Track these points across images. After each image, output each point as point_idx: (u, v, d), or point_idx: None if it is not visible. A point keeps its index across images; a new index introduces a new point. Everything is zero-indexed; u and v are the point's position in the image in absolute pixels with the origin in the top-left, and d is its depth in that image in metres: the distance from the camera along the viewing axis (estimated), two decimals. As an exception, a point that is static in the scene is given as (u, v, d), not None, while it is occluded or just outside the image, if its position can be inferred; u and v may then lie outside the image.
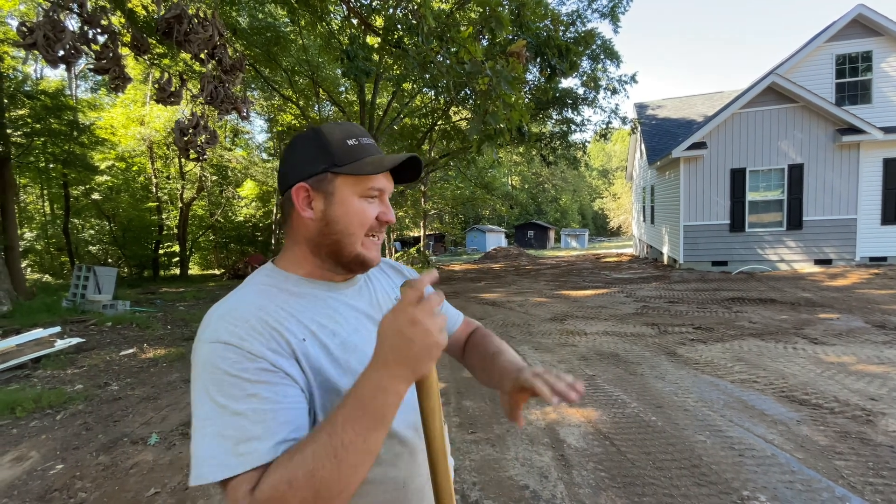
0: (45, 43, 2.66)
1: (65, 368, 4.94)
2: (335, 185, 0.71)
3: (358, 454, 0.55)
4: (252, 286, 0.70)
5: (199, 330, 0.64)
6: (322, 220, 0.72)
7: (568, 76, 5.12)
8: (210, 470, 0.55)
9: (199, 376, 0.59)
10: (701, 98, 16.80)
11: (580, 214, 55.19)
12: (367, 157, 0.73)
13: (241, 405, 0.57)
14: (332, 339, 0.70)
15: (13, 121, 11.58)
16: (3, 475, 2.80)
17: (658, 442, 2.89)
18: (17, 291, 8.33)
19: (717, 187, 10.84)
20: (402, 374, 0.57)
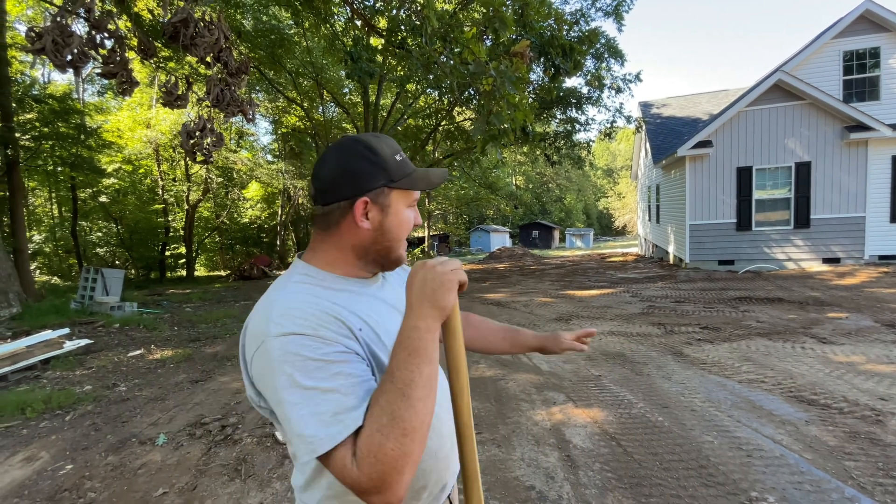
0: (53, 48, 2.69)
1: (74, 369, 4.99)
2: (391, 199, 0.80)
3: (420, 387, 0.63)
4: (296, 285, 0.76)
5: (258, 330, 0.69)
6: (378, 230, 0.80)
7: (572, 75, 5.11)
8: (320, 444, 0.61)
9: (278, 369, 0.64)
10: (706, 96, 16.70)
11: (585, 214, 55.03)
12: (415, 173, 0.83)
13: (330, 383, 0.64)
14: (378, 326, 0.79)
15: (21, 125, 11.71)
16: (14, 475, 2.83)
17: (665, 442, 2.88)
18: (27, 293, 8.42)
19: (723, 186, 10.77)
20: (427, 311, 0.68)
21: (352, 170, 0.78)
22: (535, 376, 4.27)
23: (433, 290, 0.68)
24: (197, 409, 3.81)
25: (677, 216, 11.95)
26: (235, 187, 23.27)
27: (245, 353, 0.73)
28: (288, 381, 0.63)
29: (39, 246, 18.61)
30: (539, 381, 4.12)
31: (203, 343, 6.22)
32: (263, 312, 0.70)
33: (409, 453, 0.61)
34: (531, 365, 4.61)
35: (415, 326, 0.67)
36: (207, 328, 7.17)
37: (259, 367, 0.68)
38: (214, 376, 4.71)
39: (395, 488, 0.60)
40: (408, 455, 0.61)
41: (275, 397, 0.66)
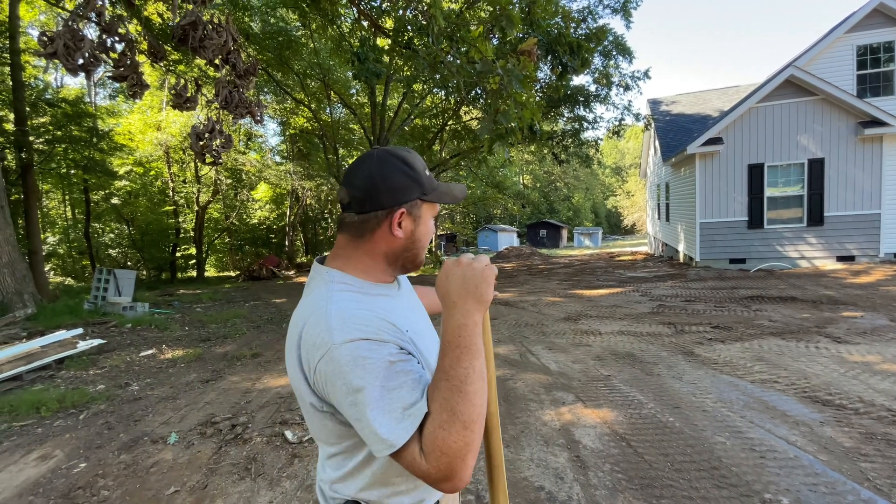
0: (65, 52, 2.73)
1: (87, 369, 5.06)
2: (422, 210, 0.87)
3: (474, 381, 0.67)
4: (340, 294, 0.79)
5: (318, 340, 0.72)
6: (410, 239, 0.86)
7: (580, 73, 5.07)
8: (396, 439, 0.66)
9: (350, 373, 0.68)
10: (716, 93, 16.51)
11: (593, 213, 54.68)
12: (441, 188, 0.90)
13: (396, 381, 0.68)
14: (414, 329, 0.84)
15: (35, 128, 11.90)
16: (28, 473, 2.88)
17: (676, 443, 2.85)
18: (41, 294, 8.56)
19: (734, 183, 10.63)
20: (472, 306, 0.72)
21: (391, 182, 0.83)
22: (543, 376, 4.25)
23: (476, 286, 0.73)
24: (207, 409, 3.84)
25: (687, 214, 11.83)
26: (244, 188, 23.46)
27: (306, 363, 0.75)
28: (361, 383, 0.67)
29: (54, 247, 18.91)
30: (548, 381, 4.10)
31: (213, 343, 6.28)
32: (320, 322, 0.73)
33: (470, 443, 0.65)
34: (539, 365, 4.59)
35: (463, 324, 0.70)
36: (217, 328, 7.23)
37: (326, 375, 0.71)
38: (224, 376, 4.75)
39: (462, 474, 0.65)
40: (470, 444, 0.65)
41: (347, 400, 0.69)
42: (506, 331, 6.10)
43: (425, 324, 0.96)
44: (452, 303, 0.72)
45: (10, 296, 7.14)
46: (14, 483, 2.76)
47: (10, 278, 7.22)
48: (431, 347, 0.89)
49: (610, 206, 56.65)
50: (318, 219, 28.60)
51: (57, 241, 19.30)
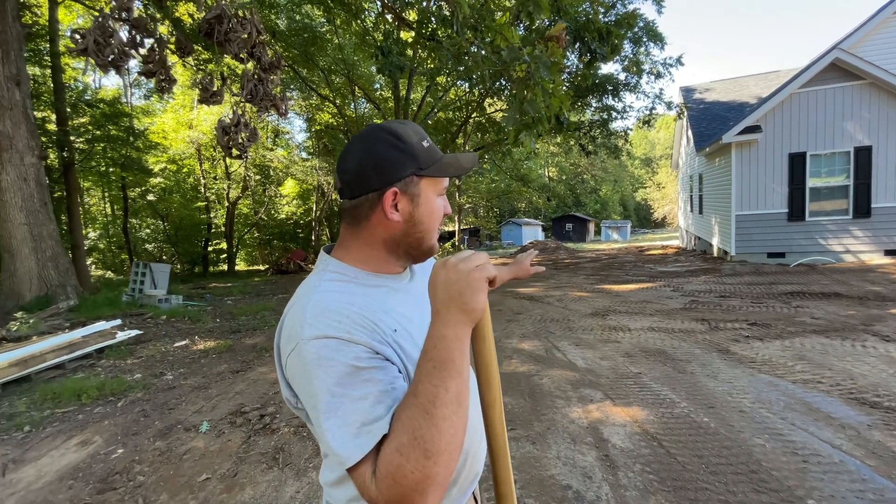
0: (95, 48, 2.81)
1: (125, 358, 5.26)
2: (420, 188, 0.77)
3: (445, 405, 0.57)
4: (329, 283, 0.73)
5: (292, 332, 0.67)
6: (409, 222, 0.77)
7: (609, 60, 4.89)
8: (348, 455, 0.59)
9: (312, 373, 0.62)
10: (754, 79, 15.75)
11: (621, 205, 53.38)
12: (444, 159, 0.79)
13: (359, 390, 0.61)
14: (412, 326, 0.75)
15: (76, 128, 12.44)
16: (70, 458, 3.01)
17: (711, 445, 2.73)
18: (83, 287, 8.97)
19: (773, 174, 10.14)
20: (454, 316, 0.60)
21: (379, 159, 0.74)
22: (570, 373, 4.16)
23: (459, 292, 0.60)
24: (237, 399, 3.93)
25: (722, 206, 11.37)
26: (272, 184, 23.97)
27: (280, 354, 0.70)
28: (321, 386, 0.61)
29: (95, 242, 19.82)
30: (574, 378, 4.01)
31: (243, 335, 6.44)
32: (298, 313, 0.68)
33: (431, 475, 0.56)
34: (566, 361, 4.50)
35: (441, 335, 0.60)
36: (247, 320, 7.41)
37: (294, 370, 0.66)
38: (254, 367, 4.86)
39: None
40: (430, 477, 0.56)
41: (309, 402, 0.64)
42: (531, 326, 6.01)
43: None
44: (435, 310, 0.62)
45: (55, 288, 7.50)
46: (55, 467, 2.89)
47: (54, 271, 7.58)
48: None
49: (639, 199, 55.19)
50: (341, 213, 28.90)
51: (98, 236, 20.21)
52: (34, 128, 7.59)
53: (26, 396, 4.07)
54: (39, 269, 7.39)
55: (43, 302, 7.19)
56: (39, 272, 7.40)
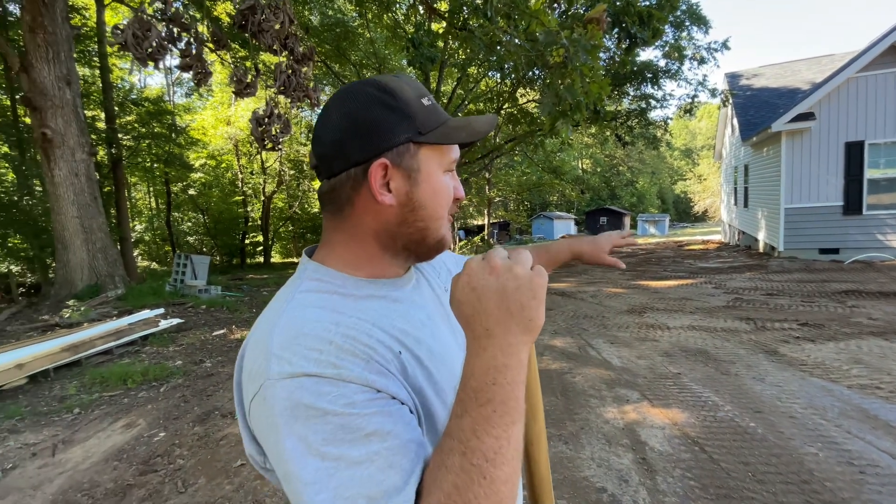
0: (134, 41, 2.91)
1: (167, 346, 5.48)
2: (419, 159, 0.56)
3: (507, 462, 0.42)
4: (306, 296, 0.54)
5: (254, 367, 0.48)
6: (406, 205, 0.57)
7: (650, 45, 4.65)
8: None
9: (285, 427, 0.44)
10: (806, 63, 14.75)
11: (659, 198, 51.48)
12: (450, 122, 0.58)
13: (359, 450, 0.43)
14: (420, 348, 0.56)
15: (123, 126, 13.05)
16: (115, 440, 3.15)
17: (758, 451, 2.57)
18: (130, 277, 9.44)
19: (827, 164, 9.48)
20: (516, 338, 0.44)
21: (362, 122, 0.55)
22: (604, 371, 4.02)
23: (522, 305, 0.44)
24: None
25: (770, 199, 10.75)
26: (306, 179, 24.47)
27: (242, 395, 0.51)
28: (299, 446, 0.43)
29: (140, 235, 20.83)
30: (609, 377, 3.88)
31: (277, 325, 6.60)
32: (261, 340, 0.49)
33: None
34: (600, 359, 4.35)
35: (503, 365, 0.43)
36: (281, 311, 7.59)
37: (259, 420, 0.47)
38: (287, 357, 4.96)
39: None
40: None
41: (283, 467, 0.44)
42: (563, 322, 5.87)
43: (449, 347, 0.62)
44: (486, 331, 0.44)
45: (104, 278, 7.92)
46: (102, 448, 3.03)
47: (103, 262, 8.00)
48: (456, 370, 0.57)
49: (679, 192, 53.10)
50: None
51: (143, 229, 21.23)
52: (84, 126, 7.99)
53: (77, 380, 4.31)
54: (90, 260, 7.81)
55: (93, 290, 7.60)
56: (90, 262, 7.81)
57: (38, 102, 7.04)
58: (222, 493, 2.46)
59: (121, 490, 2.53)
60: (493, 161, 18.22)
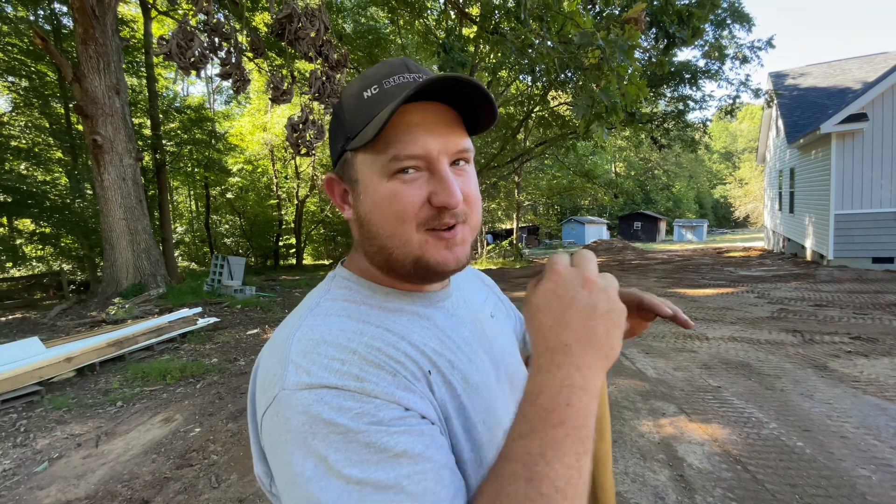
0: (178, 51, 3.05)
1: (204, 344, 5.67)
2: (356, 168, 0.50)
3: (579, 496, 0.36)
4: (331, 303, 0.50)
5: (270, 377, 0.44)
6: (356, 221, 0.53)
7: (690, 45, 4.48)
8: None
9: (303, 445, 0.39)
10: (857, 62, 13.93)
11: (697, 203, 49.73)
12: (384, 112, 0.46)
13: (387, 473, 0.37)
14: (453, 373, 0.50)
15: (167, 132, 13.69)
16: (154, 433, 3.27)
17: (807, 472, 2.40)
18: (171, 276, 9.86)
19: (881, 167, 8.89)
20: (594, 360, 0.40)
21: (330, 138, 0.55)
22: (639, 382, 3.88)
23: (608, 329, 0.41)
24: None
25: (818, 204, 10.18)
26: (338, 183, 24.96)
27: (254, 410, 0.47)
28: (318, 468, 0.38)
29: (181, 236, 21.76)
30: (644, 389, 3.73)
31: (308, 326, 6.72)
32: (280, 349, 0.45)
33: None
34: (634, 370, 4.21)
35: (579, 387, 0.39)
36: (312, 312, 7.74)
37: (271, 435, 0.42)
38: (317, 358, 5.04)
39: None
40: None
41: (294, 492, 0.39)
42: (595, 329, 5.71)
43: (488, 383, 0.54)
44: (564, 346, 0.40)
45: (146, 277, 8.30)
46: (142, 441, 3.15)
47: (146, 262, 8.38)
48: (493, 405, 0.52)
49: (718, 196, 51.14)
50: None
51: (184, 231, 22.18)
52: (132, 132, 8.42)
53: (120, 374, 4.51)
54: (135, 260, 8.20)
55: (137, 289, 7.97)
56: (135, 262, 8.21)
57: (90, 111, 7.47)
58: (253, 491, 2.51)
59: (158, 483, 2.61)
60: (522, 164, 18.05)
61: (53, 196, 11.15)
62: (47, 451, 3.05)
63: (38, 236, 11.99)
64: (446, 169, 0.48)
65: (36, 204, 10.60)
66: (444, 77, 0.45)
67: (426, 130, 0.47)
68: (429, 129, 0.47)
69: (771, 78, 15.03)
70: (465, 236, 0.51)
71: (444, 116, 0.49)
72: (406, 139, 0.47)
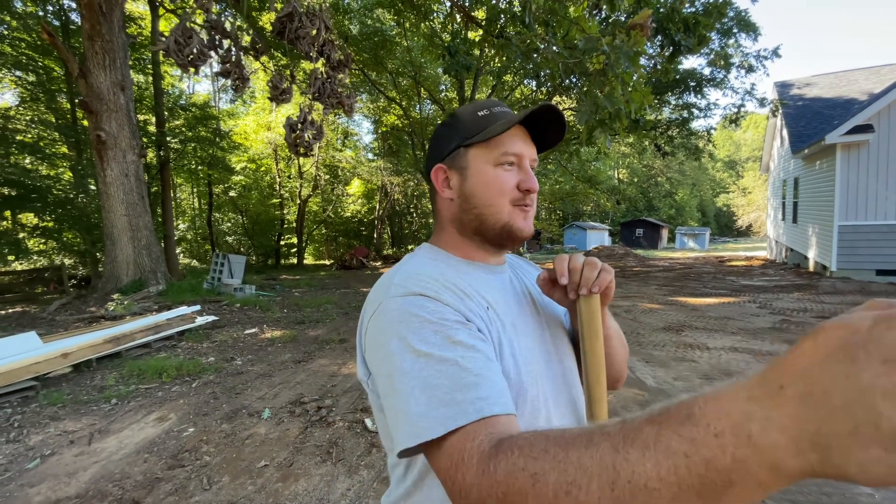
0: (175, 47, 3.04)
1: (201, 342, 5.65)
2: (468, 159, 0.71)
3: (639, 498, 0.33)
4: (420, 257, 0.73)
5: (377, 295, 0.63)
6: (460, 197, 0.72)
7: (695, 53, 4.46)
8: (427, 426, 0.48)
9: (391, 330, 0.56)
10: (864, 73, 13.90)
11: (699, 211, 49.61)
12: (498, 123, 0.70)
13: (447, 352, 0.52)
14: (507, 314, 0.68)
15: (171, 130, 13.72)
16: (147, 432, 3.24)
17: (808, 489, 2.37)
18: (172, 274, 9.85)
19: (886, 179, 8.85)
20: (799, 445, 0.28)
21: (433, 141, 0.77)
22: (638, 392, 3.84)
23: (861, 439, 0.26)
24: (298, 388, 4.05)
25: (822, 215, 10.13)
26: (340, 184, 25.00)
27: (362, 323, 0.66)
28: (400, 344, 0.54)
29: (184, 233, 21.81)
30: (643, 399, 3.69)
31: (307, 326, 6.69)
32: (385, 279, 0.66)
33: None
34: (634, 378, 4.16)
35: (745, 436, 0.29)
36: (311, 312, 7.71)
37: (373, 334, 0.60)
38: (315, 358, 5.01)
39: None
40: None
41: (383, 367, 0.56)
42: (595, 336, 5.67)
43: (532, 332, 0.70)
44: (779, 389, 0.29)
45: (147, 273, 8.29)
46: (135, 440, 3.12)
47: (147, 259, 8.38)
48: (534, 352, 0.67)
49: (721, 205, 51.07)
50: (404, 213, 29.61)
51: (186, 228, 22.24)
52: (136, 129, 8.43)
53: (116, 371, 4.48)
54: (135, 256, 8.20)
55: (136, 285, 7.96)
56: (135, 258, 8.20)
57: (95, 106, 7.48)
58: (245, 494, 2.47)
59: (149, 483, 2.58)
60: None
61: (57, 191, 11.17)
62: (40, 447, 3.02)
63: (40, 230, 12.02)
64: (529, 167, 0.72)
65: (40, 198, 10.63)
66: (548, 107, 0.68)
67: (521, 140, 0.71)
68: (522, 140, 0.72)
69: (776, 87, 15.01)
70: (532, 213, 0.74)
71: (526, 135, 0.73)
72: (510, 143, 0.70)
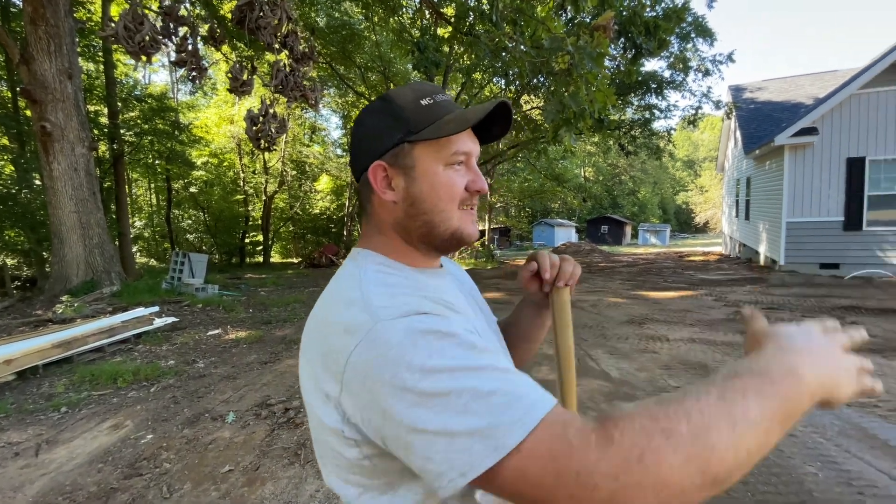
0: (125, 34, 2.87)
1: (160, 345, 5.42)
2: (414, 157, 0.62)
3: (756, 440, 0.41)
4: (374, 271, 0.60)
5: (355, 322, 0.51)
6: (406, 201, 0.63)
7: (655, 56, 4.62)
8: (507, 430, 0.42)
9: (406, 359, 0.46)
10: (810, 78, 14.79)
11: (661, 209, 51.53)
12: (447, 117, 0.61)
13: (481, 360, 0.47)
14: (473, 318, 0.64)
15: (126, 122, 13.03)
16: (101, 441, 3.08)
17: (758, 470, 2.51)
18: (128, 273, 9.38)
19: (829, 179, 9.46)
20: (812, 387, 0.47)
21: (366, 131, 0.64)
22: (603, 383, 3.96)
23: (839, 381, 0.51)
24: (264, 390, 3.95)
25: (771, 212, 10.73)
26: (308, 180, 24.47)
27: (331, 361, 0.51)
28: (425, 368, 0.45)
29: (140, 231, 20.78)
30: (608, 389, 3.82)
31: (273, 326, 6.53)
32: (353, 301, 0.53)
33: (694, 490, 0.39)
34: (599, 370, 4.30)
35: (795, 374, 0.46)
36: (278, 311, 7.53)
37: (366, 364, 0.48)
38: (282, 358, 4.89)
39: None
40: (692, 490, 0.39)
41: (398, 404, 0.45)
42: (562, 330, 5.81)
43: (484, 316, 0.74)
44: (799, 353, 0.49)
45: (100, 274, 7.85)
46: (87, 450, 2.96)
47: (99, 258, 7.94)
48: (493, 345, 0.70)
49: (680, 202, 53.20)
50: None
51: (143, 226, 21.20)
52: (85, 120, 7.95)
53: (66, 377, 4.24)
54: (86, 255, 7.75)
55: (88, 286, 7.53)
56: (86, 258, 7.75)
57: (38, 95, 7.00)
58: (208, 500, 2.40)
59: (104, 494, 2.46)
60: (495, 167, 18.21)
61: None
62: (-20, 461, 2.83)
63: (-23, 228, 11.17)
64: (475, 164, 0.66)
65: (-24, 194, 9.87)
66: (503, 103, 0.63)
67: (469, 136, 0.65)
68: (470, 136, 0.65)
69: (731, 91, 15.75)
70: (476, 214, 0.68)
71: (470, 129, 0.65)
72: (460, 141, 0.63)
